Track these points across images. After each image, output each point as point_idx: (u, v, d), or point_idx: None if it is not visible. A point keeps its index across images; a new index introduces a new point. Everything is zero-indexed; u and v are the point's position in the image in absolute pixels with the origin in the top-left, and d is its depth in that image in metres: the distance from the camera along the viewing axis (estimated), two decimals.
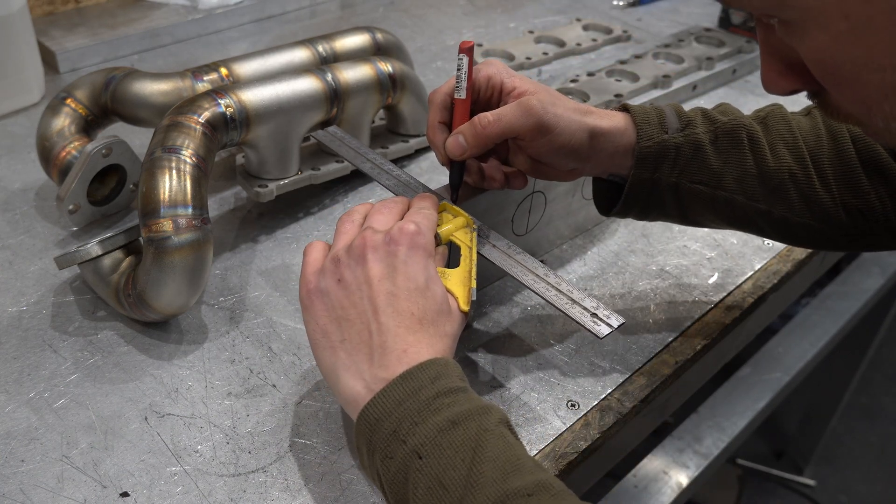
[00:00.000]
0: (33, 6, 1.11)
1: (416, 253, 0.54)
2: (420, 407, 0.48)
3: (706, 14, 1.33)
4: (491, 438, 0.47)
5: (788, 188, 0.63)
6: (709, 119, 0.65)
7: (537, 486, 0.45)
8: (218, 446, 0.59)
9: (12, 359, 0.65)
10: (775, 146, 0.64)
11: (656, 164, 0.63)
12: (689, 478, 1.09)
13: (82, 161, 0.73)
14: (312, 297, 0.55)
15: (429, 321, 0.53)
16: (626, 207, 0.65)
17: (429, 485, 0.46)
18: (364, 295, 0.53)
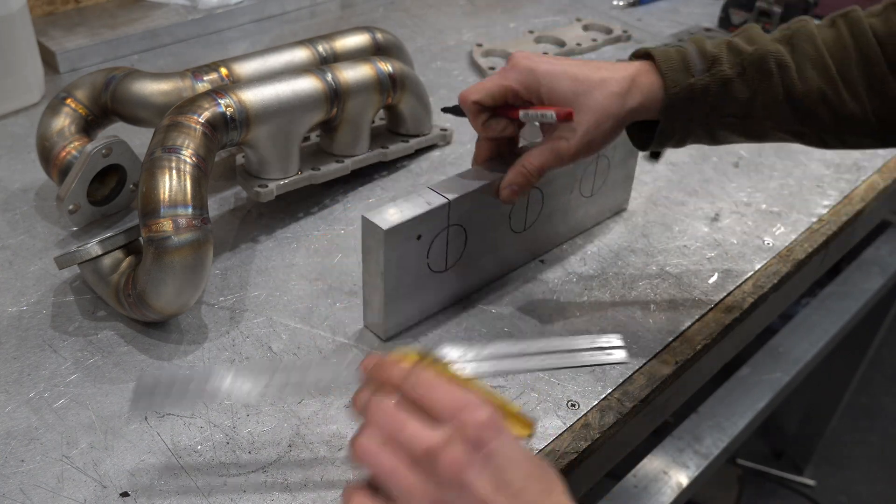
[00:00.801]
0: (33, 6, 1.11)
1: (502, 435, 0.42)
2: None
3: (706, 14, 1.33)
4: None
5: (819, 109, 0.63)
6: (734, 51, 0.65)
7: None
8: (218, 446, 0.59)
9: (12, 359, 0.65)
10: (803, 68, 0.64)
11: (685, 108, 0.64)
12: (689, 478, 1.09)
13: (82, 161, 0.73)
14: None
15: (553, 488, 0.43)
16: (660, 144, 0.67)
17: None
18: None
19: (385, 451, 0.43)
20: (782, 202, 0.90)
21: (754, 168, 0.96)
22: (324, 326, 0.70)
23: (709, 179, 0.93)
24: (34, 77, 0.97)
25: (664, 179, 0.93)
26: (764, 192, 0.91)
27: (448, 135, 0.95)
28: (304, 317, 0.70)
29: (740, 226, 0.86)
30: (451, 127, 0.96)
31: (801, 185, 0.93)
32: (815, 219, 0.88)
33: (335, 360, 0.61)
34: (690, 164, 0.96)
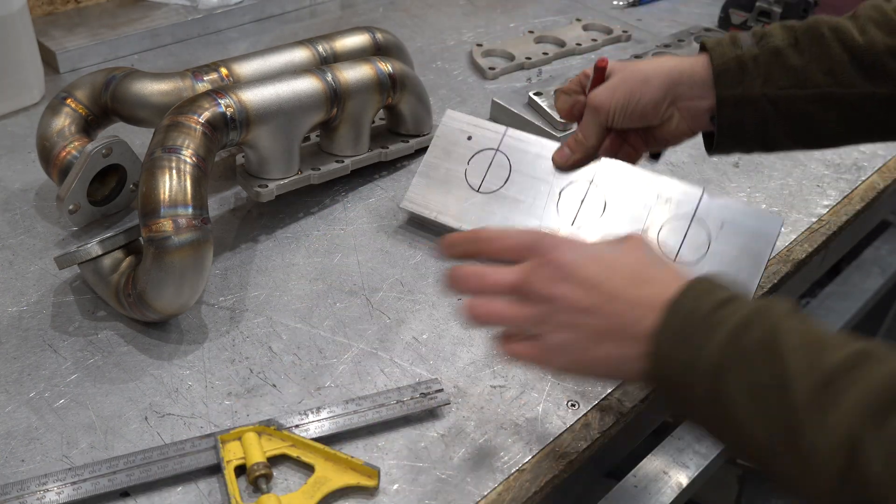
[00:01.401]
0: (33, 6, 1.11)
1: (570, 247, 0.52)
2: (700, 327, 0.46)
3: (706, 14, 1.33)
4: (783, 330, 0.43)
5: (885, 62, 0.63)
6: (787, 28, 0.66)
7: (856, 356, 0.42)
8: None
9: (12, 359, 0.65)
10: (865, 28, 0.64)
11: (736, 78, 0.65)
12: (689, 478, 1.09)
13: (82, 161, 0.73)
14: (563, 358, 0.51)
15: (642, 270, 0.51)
16: (723, 136, 0.69)
17: (742, 401, 0.43)
18: (587, 313, 0.50)
19: (484, 303, 0.53)
20: (782, 202, 0.90)
21: (754, 168, 0.96)
22: (324, 326, 0.70)
23: (709, 179, 0.93)
24: (34, 77, 0.97)
25: None
26: (764, 192, 0.91)
27: None
28: (304, 317, 0.70)
29: None
30: None
31: (801, 185, 0.93)
32: (815, 219, 0.88)
33: None
34: (690, 164, 0.96)
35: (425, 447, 0.60)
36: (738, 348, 0.44)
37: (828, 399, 0.40)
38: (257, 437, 0.58)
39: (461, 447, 0.60)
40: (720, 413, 0.44)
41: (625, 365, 0.49)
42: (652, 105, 0.68)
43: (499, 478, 0.58)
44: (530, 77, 1.11)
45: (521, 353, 0.53)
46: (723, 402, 0.44)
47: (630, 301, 0.49)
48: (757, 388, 0.43)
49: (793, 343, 0.43)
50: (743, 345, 0.44)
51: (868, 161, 0.98)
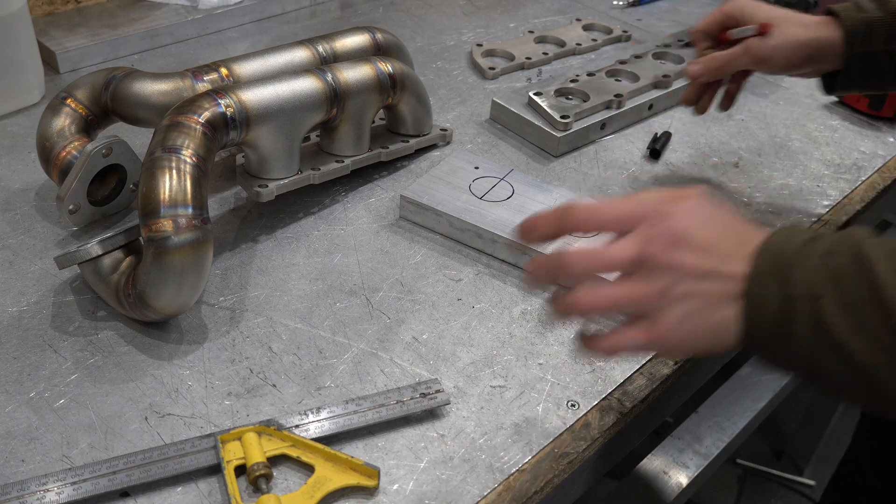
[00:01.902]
0: (33, 6, 1.11)
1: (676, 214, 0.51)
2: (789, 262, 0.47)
3: (706, 14, 1.32)
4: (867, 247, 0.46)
5: None
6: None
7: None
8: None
9: (12, 359, 0.65)
10: None
11: (864, 38, 0.76)
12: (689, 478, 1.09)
13: (82, 161, 0.73)
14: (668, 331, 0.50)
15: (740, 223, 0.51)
16: (847, 82, 0.80)
17: (840, 321, 0.44)
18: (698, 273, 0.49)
19: (593, 291, 0.50)
20: (782, 202, 0.90)
21: (754, 168, 0.96)
22: (324, 326, 0.70)
23: (709, 179, 0.93)
24: (34, 77, 0.97)
25: (664, 179, 0.93)
26: (764, 192, 0.91)
27: (448, 135, 0.95)
28: (304, 317, 0.70)
29: None
30: (451, 127, 0.96)
31: (801, 185, 0.93)
32: (815, 219, 0.88)
33: None
34: (690, 165, 0.96)
35: (425, 447, 0.60)
36: (828, 271, 0.45)
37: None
38: (257, 438, 0.58)
39: (461, 447, 0.60)
40: (821, 341, 0.45)
41: (734, 334, 0.49)
42: (795, 67, 0.80)
43: (499, 478, 0.58)
44: (530, 77, 1.11)
45: (633, 340, 0.51)
46: (822, 327, 0.45)
47: (739, 258, 0.49)
48: (851, 305, 0.44)
49: (877, 255, 0.45)
50: (832, 268, 0.45)
51: (868, 161, 0.98)
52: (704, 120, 1.04)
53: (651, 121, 1.04)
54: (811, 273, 0.46)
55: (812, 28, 0.78)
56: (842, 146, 1.01)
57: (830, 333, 0.44)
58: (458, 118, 1.01)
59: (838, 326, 0.44)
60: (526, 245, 0.72)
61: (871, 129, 1.05)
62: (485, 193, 0.82)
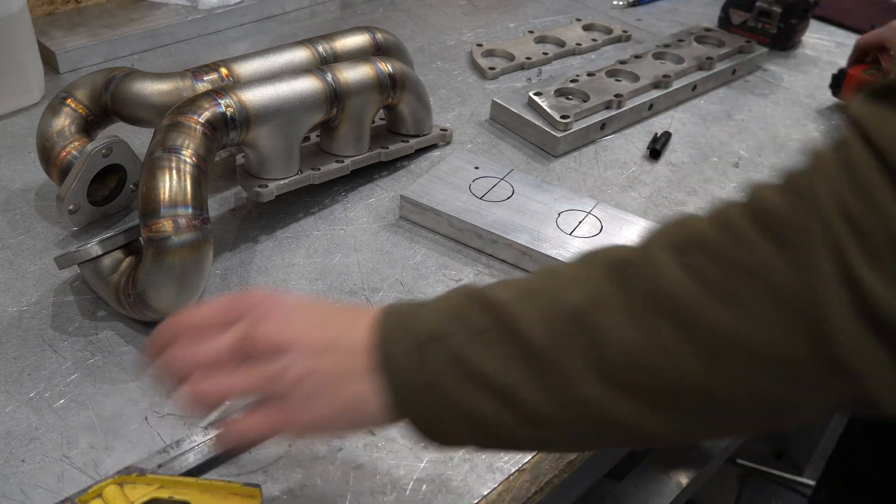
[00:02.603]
0: (33, 6, 1.11)
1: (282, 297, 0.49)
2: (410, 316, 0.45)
3: (706, 14, 1.33)
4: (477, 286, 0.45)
5: None
6: None
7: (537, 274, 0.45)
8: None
9: (12, 359, 0.65)
10: None
11: None
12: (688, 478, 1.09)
13: (82, 161, 0.73)
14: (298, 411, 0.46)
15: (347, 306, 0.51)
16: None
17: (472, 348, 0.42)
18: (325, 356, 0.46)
19: (207, 380, 0.46)
20: None
21: (754, 168, 0.96)
22: None
23: (709, 179, 0.93)
24: (34, 77, 0.97)
25: (664, 179, 0.93)
26: None
27: (448, 135, 0.95)
28: None
29: None
30: (451, 127, 0.96)
31: None
32: None
33: None
34: (690, 164, 0.96)
35: (425, 447, 0.60)
36: (448, 312, 0.44)
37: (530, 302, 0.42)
38: (119, 489, 0.53)
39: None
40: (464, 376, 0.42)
41: (372, 404, 0.44)
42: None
43: (499, 478, 0.58)
44: (530, 77, 1.11)
45: (260, 426, 0.47)
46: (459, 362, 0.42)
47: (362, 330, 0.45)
48: (478, 332, 0.42)
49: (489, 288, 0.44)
50: (450, 307, 0.44)
51: None
52: (704, 120, 1.04)
53: (651, 121, 1.04)
54: (432, 318, 0.44)
55: None
56: None
57: (468, 364, 0.42)
58: (458, 118, 1.01)
59: (473, 355, 0.42)
60: None
61: None
62: (485, 193, 0.82)
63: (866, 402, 0.38)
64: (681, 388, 0.39)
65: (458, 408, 0.42)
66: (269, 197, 0.79)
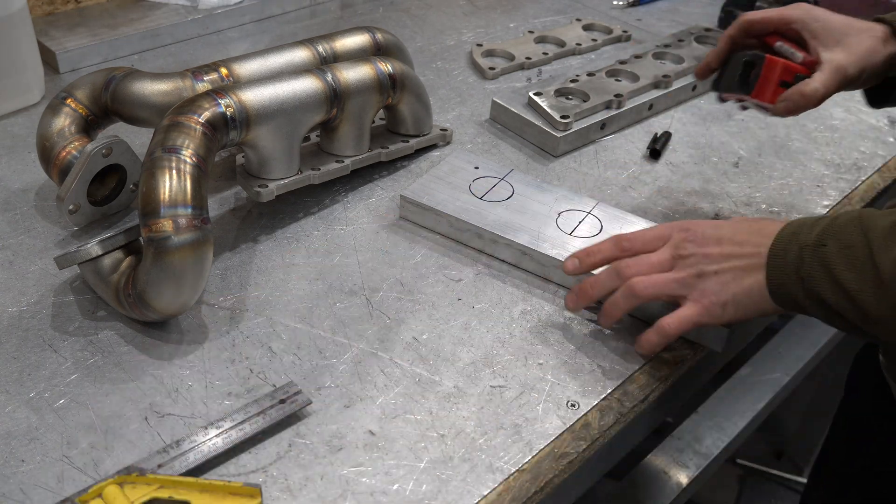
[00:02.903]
0: (33, 6, 1.11)
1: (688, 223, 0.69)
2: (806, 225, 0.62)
3: (706, 14, 1.33)
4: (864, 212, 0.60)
5: None
6: None
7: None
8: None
9: (12, 359, 0.65)
10: None
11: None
12: (689, 478, 1.09)
13: (82, 161, 0.73)
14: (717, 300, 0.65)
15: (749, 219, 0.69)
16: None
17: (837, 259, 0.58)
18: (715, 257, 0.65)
19: (645, 278, 0.67)
20: (782, 202, 0.90)
21: (754, 168, 0.96)
22: (324, 326, 0.70)
23: (709, 179, 0.93)
24: (34, 77, 0.97)
25: (664, 179, 0.93)
26: (764, 192, 0.91)
27: (448, 135, 0.95)
28: (304, 317, 0.70)
29: None
30: (451, 127, 0.96)
31: (801, 185, 0.93)
32: None
33: None
34: (690, 164, 0.96)
35: (425, 447, 0.60)
36: (834, 227, 0.60)
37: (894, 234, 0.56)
38: (119, 489, 0.54)
39: (461, 447, 0.60)
40: (823, 277, 0.59)
41: (763, 294, 0.63)
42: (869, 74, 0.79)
43: (499, 478, 0.58)
44: (530, 77, 1.11)
45: (682, 316, 0.66)
46: (825, 266, 0.58)
47: (753, 244, 0.64)
48: (847, 247, 0.58)
49: (872, 214, 0.59)
50: (837, 225, 0.60)
51: (868, 161, 0.98)
52: (704, 120, 1.04)
53: (651, 121, 1.04)
54: (818, 230, 0.60)
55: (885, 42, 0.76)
56: (842, 146, 1.01)
57: (831, 268, 0.58)
58: (458, 118, 1.01)
59: (836, 263, 0.58)
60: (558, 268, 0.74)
61: (870, 129, 1.05)
62: (485, 193, 0.82)
63: None
64: None
65: (817, 296, 0.60)
66: (269, 197, 0.79)
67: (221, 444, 0.58)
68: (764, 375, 1.35)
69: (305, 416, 0.61)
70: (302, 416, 0.61)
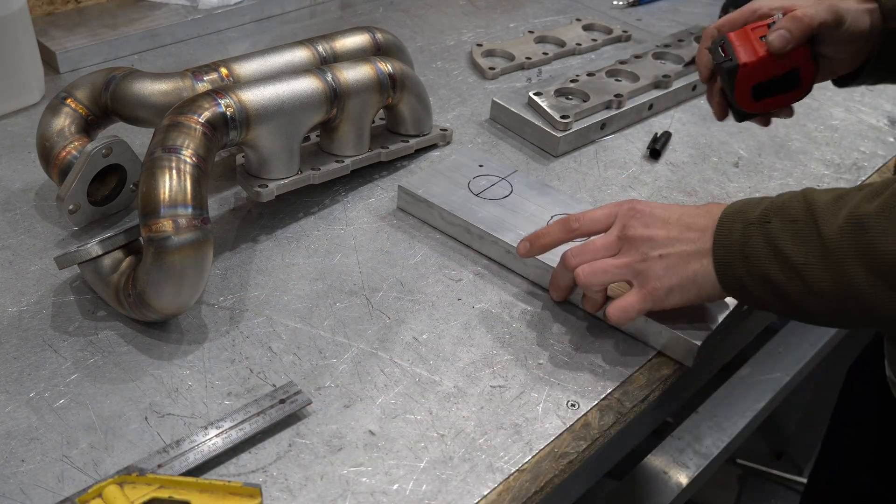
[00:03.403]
0: (33, 6, 1.11)
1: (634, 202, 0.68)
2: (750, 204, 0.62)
3: (706, 14, 1.33)
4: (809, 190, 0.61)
5: None
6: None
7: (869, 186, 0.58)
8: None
9: (12, 359, 0.65)
10: None
11: None
12: (689, 478, 1.09)
13: (82, 161, 0.73)
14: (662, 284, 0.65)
15: (698, 207, 0.67)
16: (882, 61, 0.78)
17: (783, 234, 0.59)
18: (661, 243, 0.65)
19: (593, 263, 0.67)
20: None
21: (754, 168, 0.96)
22: (324, 326, 0.70)
23: (709, 179, 0.93)
24: (34, 77, 0.97)
25: (664, 179, 0.93)
26: (764, 192, 0.91)
27: (448, 135, 0.95)
28: (304, 317, 0.70)
29: None
30: (451, 127, 0.96)
31: (800, 185, 0.93)
32: None
33: None
34: (690, 164, 0.96)
35: (425, 447, 0.60)
36: (778, 203, 0.61)
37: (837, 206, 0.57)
38: (119, 489, 0.54)
39: (461, 447, 0.60)
40: (770, 253, 0.59)
41: (708, 277, 0.63)
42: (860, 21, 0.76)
43: (499, 478, 0.58)
44: (530, 77, 1.11)
45: (625, 305, 0.65)
46: (771, 242, 0.59)
47: (699, 227, 0.64)
48: (792, 221, 0.59)
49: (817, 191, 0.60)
50: (781, 201, 0.61)
51: (868, 161, 0.98)
52: (704, 120, 1.04)
53: (651, 121, 1.04)
54: (764, 207, 0.61)
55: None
56: (842, 146, 1.01)
57: (776, 244, 0.59)
58: (458, 118, 1.01)
59: (782, 238, 0.59)
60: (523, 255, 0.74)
61: (870, 129, 1.05)
62: (482, 191, 0.82)
63: None
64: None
65: (763, 275, 0.60)
66: (269, 197, 0.79)
67: (221, 444, 0.58)
68: (764, 375, 1.35)
69: (305, 416, 0.62)
70: (302, 416, 0.61)
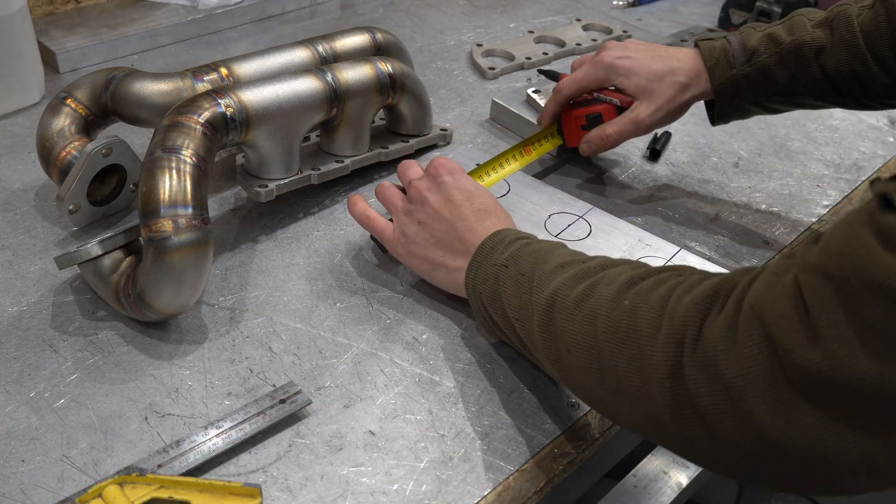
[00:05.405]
0: (33, 6, 1.11)
1: (456, 173, 0.71)
2: (500, 244, 0.64)
3: (706, 14, 1.33)
4: (554, 247, 0.62)
5: (853, 85, 0.76)
6: (774, 42, 0.77)
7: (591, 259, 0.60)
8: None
9: (12, 359, 0.65)
10: (838, 51, 0.75)
11: (732, 94, 0.79)
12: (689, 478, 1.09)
13: (82, 161, 0.73)
14: (408, 247, 0.70)
15: (490, 210, 0.69)
16: (721, 120, 0.83)
17: (513, 277, 0.61)
18: (440, 219, 0.68)
19: (386, 189, 0.74)
20: (782, 202, 0.90)
21: (754, 168, 0.96)
22: (324, 326, 0.70)
23: (709, 179, 0.93)
24: (34, 77, 0.97)
25: (664, 179, 0.93)
26: (764, 192, 0.91)
27: (448, 135, 0.95)
28: (304, 317, 0.70)
29: (740, 226, 0.86)
30: (451, 127, 0.96)
31: (801, 185, 0.93)
32: (815, 219, 0.88)
33: None
34: (690, 164, 0.96)
35: (425, 447, 0.60)
36: (516, 251, 0.62)
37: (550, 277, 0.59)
38: (119, 489, 0.54)
39: (461, 447, 0.60)
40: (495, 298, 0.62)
41: (451, 274, 0.68)
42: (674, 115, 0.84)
43: (499, 478, 0.58)
44: (530, 77, 1.11)
45: (373, 218, 0.73)
46: (497, 283, 0.62)
47: (472, 227, 0.67)
48: (521, 275, 0.60)
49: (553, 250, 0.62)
50: (524, 251, 0.62)
51: (868, 161, 0.99)
52: (704, 120, 1.04)
53: None
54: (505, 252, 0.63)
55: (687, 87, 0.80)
56: (842, 146, 1.01)
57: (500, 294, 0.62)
58: (458, 118, 1.01)
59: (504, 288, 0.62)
60: None
61: (870, 129, 1.05)
62: None
63: None
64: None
65: (486, 313, 0.64)
66: (269, 197, 0.79)
67: (221, 444, 0.58)
68: None
69: (305, 416, 0.62)
70: (302, 416, 0.61)
